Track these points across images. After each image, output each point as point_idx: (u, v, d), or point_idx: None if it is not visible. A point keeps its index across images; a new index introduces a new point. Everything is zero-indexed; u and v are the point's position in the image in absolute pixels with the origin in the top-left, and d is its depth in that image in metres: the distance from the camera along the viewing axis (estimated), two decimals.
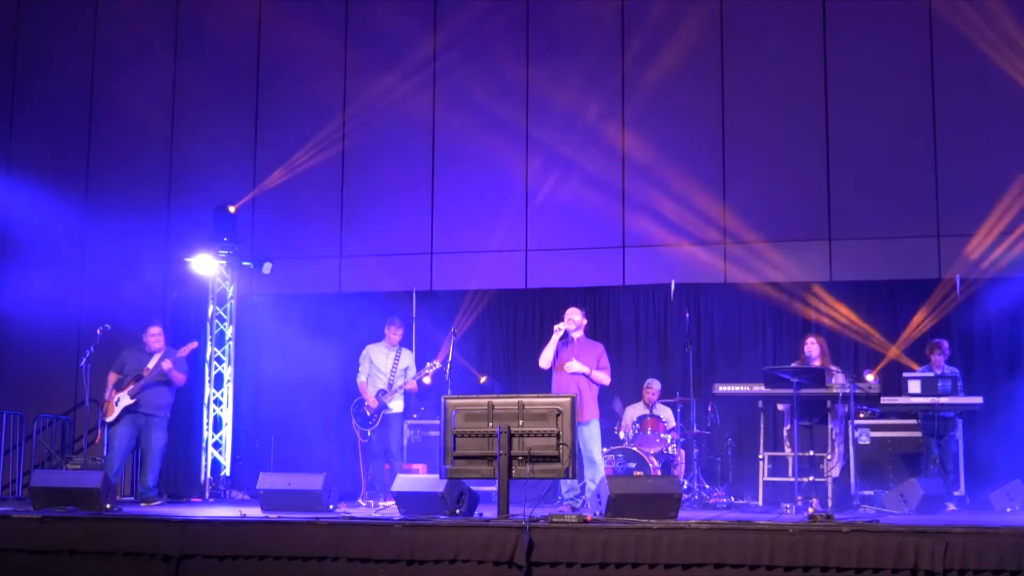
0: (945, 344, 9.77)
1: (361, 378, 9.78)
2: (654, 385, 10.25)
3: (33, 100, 12.95)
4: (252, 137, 12.30)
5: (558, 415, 6.78)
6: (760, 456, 9.43)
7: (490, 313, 11.47)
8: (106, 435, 10.13)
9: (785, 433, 9.44)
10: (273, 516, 6.99)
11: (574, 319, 8.83)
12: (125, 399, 9.62)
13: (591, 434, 8.65)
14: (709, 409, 10.12)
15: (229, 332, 11.62)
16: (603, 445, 8.97)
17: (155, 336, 9.88)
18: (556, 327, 8.79)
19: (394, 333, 9.83)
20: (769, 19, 11.31)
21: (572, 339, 8.81)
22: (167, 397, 9.81)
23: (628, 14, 11.61)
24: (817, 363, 9.21)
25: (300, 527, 6.45)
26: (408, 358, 9.88)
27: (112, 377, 9.81)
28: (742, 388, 9.26)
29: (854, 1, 11.14)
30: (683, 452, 9.81)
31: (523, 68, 11.77)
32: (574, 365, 8.69)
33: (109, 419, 9.69)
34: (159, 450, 9.69)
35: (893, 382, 9.92)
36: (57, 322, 12.18)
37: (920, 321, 10.53)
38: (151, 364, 9.71)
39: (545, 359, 8.82)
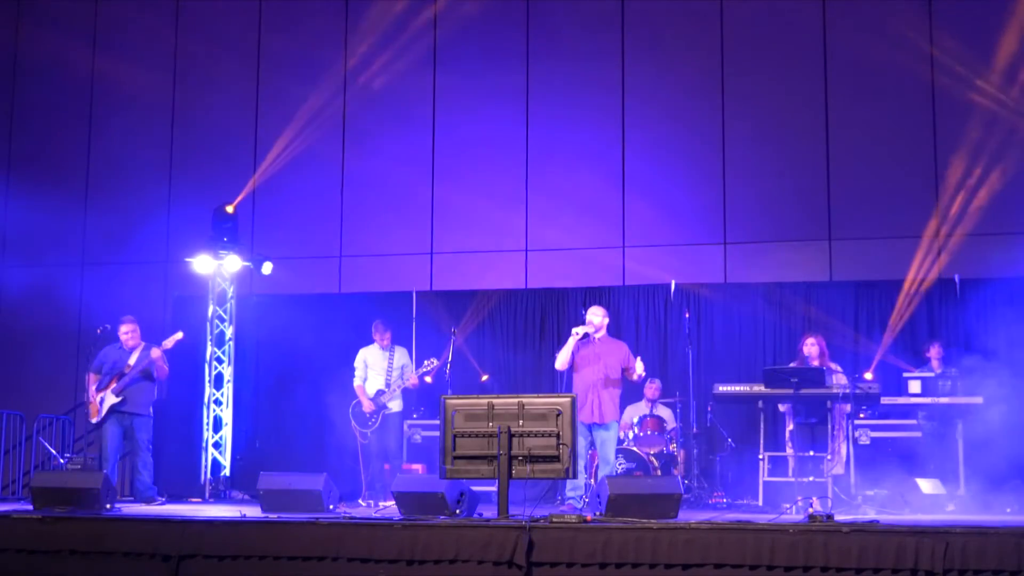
0: (945, 344, 9.77)
1: (357, 382, 9.78)
2: (655, 384, 10.25)
3: (33, 99, 12.95)
4: (252, 137, 12.30)
5: (558, 415, 6.77)
6: (760, 456, 9.43)
7: (490, 313, 11.48)
8: (95, 437, 10.05)
9: (788, 434, 9.44)
10: (273, 516, 6.99)
11: (594, 320, 8.56)
12: (111, 398, 9.49)
13: (608, 437, 8.54)
14: (709, 409, 10.12)
15: (229, 332, 11.62)
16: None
17: (128, 333, 9.69)
18: (575, 330, 8.55)
19: (381, 336, 9.82)
20: (769, 19, 11.30)
21: (594, 339, 8.59)
22: (150, 394, 9.70)
23: (628, 13, 11.61)
24: (815, 363, 9.21)
25: (300, 527, 6.45)
26: (403, 356, 9.88)
27: (91, 377, 9.70)
28: (742, 388, 9.25)
29: (854, 1, 11.14)
30: (683, 452, 9.80)
31: (523, 67, 11.77)
32: (638, 365, 8.53)
33: (94, 420, 9.61)
34: (149, 448, 9.63)
35: (893, 382, 9.93)
36: (57, 322, 12.18)
37: (920, 321, 10.53)
38: (132, 360, 9.63)
39: (561, 361, 8.58)
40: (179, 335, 9.76)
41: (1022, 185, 10.52)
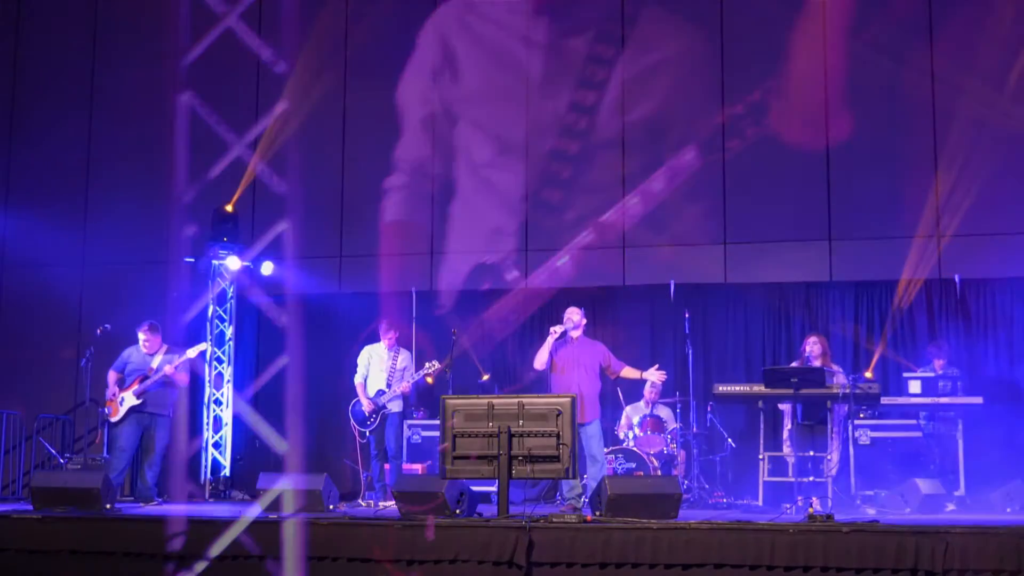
0: (945, 344, 9.77)
1: (358, 379, 9.77)
2: (656, 384, 10.25)
3: (33, 99, 12.92)
4: (253, 137, 12.28)
5: (558, 415, 6.78)
6: (760, 456, 9.43)
7: (490, 313, 11.47)
8: (107, 435, 10.08)
9: (785, 433, 9.45)
10: (273, 516, 6.99)
11: (572, 319, 8.71)
12: (131, 399, 9.54)
13: (593, 433, 8.59)
14: (708, 409, 10.12)
15: (229, 332, 11.62)
16: (603, 445, 8.93)
17: (146, 342, 9.71)
18: (552, 329, 8.68)
19: (388, 336, 9.82)
20: (769, 18, 11.29)
21: (571, 339, 8.71)
22: (172, 396, 9.76)
23: (628, 12, 11.61)
24: (818, 363, 9.21)
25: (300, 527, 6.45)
26: (406, 359, 9.88)
27: (113, 375, 9.75)
28: (742, 388, 9.25)
29: (854, 4, 11.13)
30: (683, 452, 9.81)
31: (523, 67, 11.77)
32: (653, 374, 9.04)
33: (114, 419, 9.65)
34: (161, 450, 9.65)
35: (894, 382, 9.92)
36: (57, 322, 12.18)
37: (920, 321, 10.53)
38: (155, 364, 9.66)
39: (539, 361, 8.70)
40: (203, 346, 9.95)
41: (1022, 185, 10.51)
